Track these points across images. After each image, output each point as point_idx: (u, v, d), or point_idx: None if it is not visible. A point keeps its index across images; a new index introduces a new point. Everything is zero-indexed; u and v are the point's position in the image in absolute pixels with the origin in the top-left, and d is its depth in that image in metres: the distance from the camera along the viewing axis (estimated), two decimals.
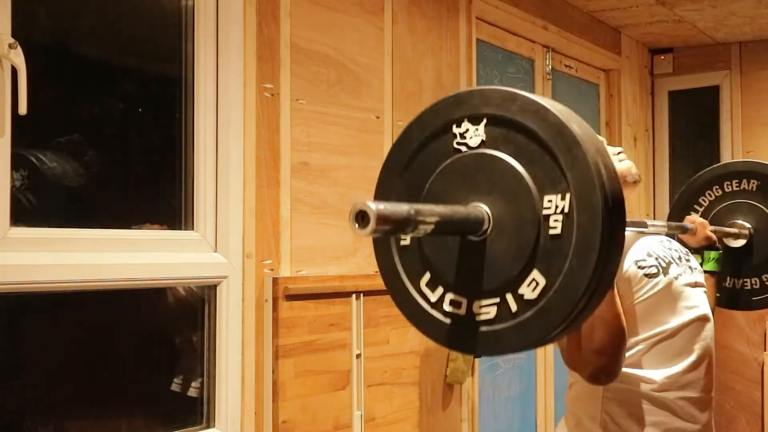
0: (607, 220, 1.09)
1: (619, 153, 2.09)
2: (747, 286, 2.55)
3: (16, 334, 2.00)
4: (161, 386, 2.31)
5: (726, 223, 2.53)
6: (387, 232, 1.04)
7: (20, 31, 1.81)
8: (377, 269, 1.32)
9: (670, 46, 4.75)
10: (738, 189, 2.58)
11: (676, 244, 2.12)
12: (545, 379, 3.85)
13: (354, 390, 2.52)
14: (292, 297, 2.33)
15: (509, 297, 1.17)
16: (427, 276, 1.27)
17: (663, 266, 1.95)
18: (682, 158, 4.71)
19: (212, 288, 2.26)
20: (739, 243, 2.52)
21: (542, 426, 3.81)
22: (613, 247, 1.12)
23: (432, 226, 1.10)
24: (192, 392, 2.28)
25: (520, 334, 1.16)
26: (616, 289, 1.78)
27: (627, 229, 1.86)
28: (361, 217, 1.01)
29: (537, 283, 1.15)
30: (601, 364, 1.74)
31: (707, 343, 1.97)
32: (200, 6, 2.25)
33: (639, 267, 1.92)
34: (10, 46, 1.76)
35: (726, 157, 4.59)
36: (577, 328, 1.25)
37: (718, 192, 2.61)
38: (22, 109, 1.77)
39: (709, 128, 4.74)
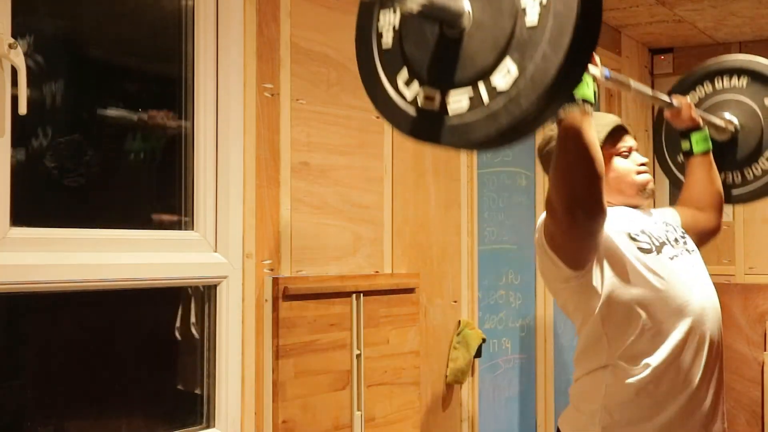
0: (582, 7, 1.15)
1: (641, 164, 2.10)
2: (729, 180, 2.54)
3: (16, 334, 2.00)
4: (161, 386, 2.31)
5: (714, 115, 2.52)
6: None
7: (20, 31, 1.81)
8: (376, 269, 1.34)
9: (670, 46, 4.75)
10: (728, 86, 2.57)
11: (672, 226, 2.10)
12: (545, 379, 3.85)
13: (354, 390, 2.52)
14: (292, 297, 2.33)
15: (481, 86, 1.23)
16: (404, 72, 1.36)
17: (656, 245, 1.94)
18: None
19: (212, 288, 2.26)
20: (725, 137, 2.51)
21: (542, 426, 3.81)
22: (586, 35, 1.18)
23: (419, 8, 1.20)
24: (192, 392, 2.28)
25: (490, 123, 1.21)
26: (592, 124, 1.70)
27: (608, 77, 1.86)
28: None
29: (509, 72, 1.20)
30: (573, 192, 1.68)
31: (712, 333, 1.93)
32: (200, 6, 2.25)
33: (631, 238, 1.91)
34: (11, 46, 1.76)
35: None
36: (544, 121, 1.27)
37: (708, 88, 2.60)
38: (22, 109, 1.77)
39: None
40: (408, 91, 1.35)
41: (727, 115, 2.52)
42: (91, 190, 2.07)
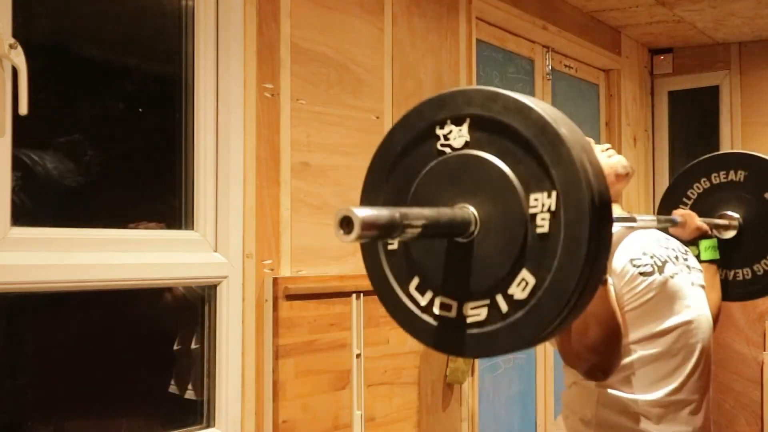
0: (594, 216, 1.09)
1: (607, 149, 2.09)
2: (739, 277, 2.54)
3: (16, 334, 2.00)
4: (161, 386, 2.31)
5: (715, 215, 2.52)
6: (374, 237, 1.03)
7: (20, 31, 1.81)
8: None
9: (669, 46, 4.75)
10: (726, 180, 2.57)
11: (674, 243, 2.11)
12: (545, 379, 3.85)
13: (354, 390, 2.52)
14: (292, 297, 2.33)
15: (499, 298, 1.17)
16: (416, 280, 1.27)
17: (659, 265, 1.95)
18: (681, 158, 4.71)
19: (212, 288, 2.26)
20: (730, 234, 2.51)
21: (542, 426, 3.81)
22: (601, 243, 1.12)
23: (419, 230, 1.09)
24: (192, 392, 2.28)
25: (512, 335, 1.16)
26: (611, 287, 1.77)
27: (616, 224, 1.87)
28: (346, 224, 0.99)
29: (526, 283, 1.14)
30: (596, 361, 1.74)
31: (704, 344, 1.96)
32: (200, 6, 2.25)
33: (634, 265, 1.92)
34: (11, 46, 1.76)
35: None
36: (568, 326, 1.24)
37: (705, 184, 2.60)
38: (23, 109, 1.77)
39: (709, 128, 4.75)
40: (422, 299, 1.28)
41: (729, 213, 2.53)
42: (91, 190, 2.07)
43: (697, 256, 2.27)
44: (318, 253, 2.50)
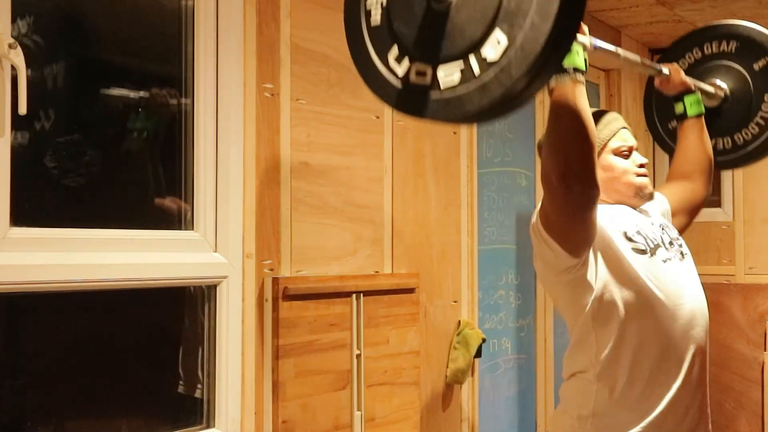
0: None
1: (641, 166, 2.10)
2: (719, 146, 2.54)
3: (16, 334, 2.00)
4: (161, 386, 2.31)
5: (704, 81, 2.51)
6: None
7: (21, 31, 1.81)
8: (376, 269, 1.34)
9: (670, 46, 4.74)
10: (717, 51, 2.56)
11: (668, 229, 2.10)
12: (545, 379, 3.85)
13: (354, 390, 2.52)
14: (292, 297, 2.33)
15: (472, 59, 1.24)
16: (395, 49, 1.37)
17: (651, 246, 1.94)
18: None
19: (212, 288, 2.26)
20: (714, 103, 2.50)
21: (542, 426, 3.81)
22: (573, 4, 1.17)
23: None
24: (192, 392, 2.28)
25: (482, 94, 1.22)
26: (584, 92, 1.71)
27: (596, 46, 1.86)
28: None
29: (499, 42, 1.21)
30: (567, 161, 1.68)
31: (699, 333, 1.93)
32: (200, 6, 2.25)
33: (627, 238, 1.91)
34: (10, 46, 1.76)
35: None
36: (536, 90, 1.27)
37: (697, 54, 2.59)
38: (22, 109, 1.77)
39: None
40: (399, 68, 1.37)
41: (717, 81, 2.52)
42: (91, 190, 2.07)
43: (683, 113, 2.28)
44: (318, 253, 2.50)
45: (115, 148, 2.18)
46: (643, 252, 1.91)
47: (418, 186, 2.94)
